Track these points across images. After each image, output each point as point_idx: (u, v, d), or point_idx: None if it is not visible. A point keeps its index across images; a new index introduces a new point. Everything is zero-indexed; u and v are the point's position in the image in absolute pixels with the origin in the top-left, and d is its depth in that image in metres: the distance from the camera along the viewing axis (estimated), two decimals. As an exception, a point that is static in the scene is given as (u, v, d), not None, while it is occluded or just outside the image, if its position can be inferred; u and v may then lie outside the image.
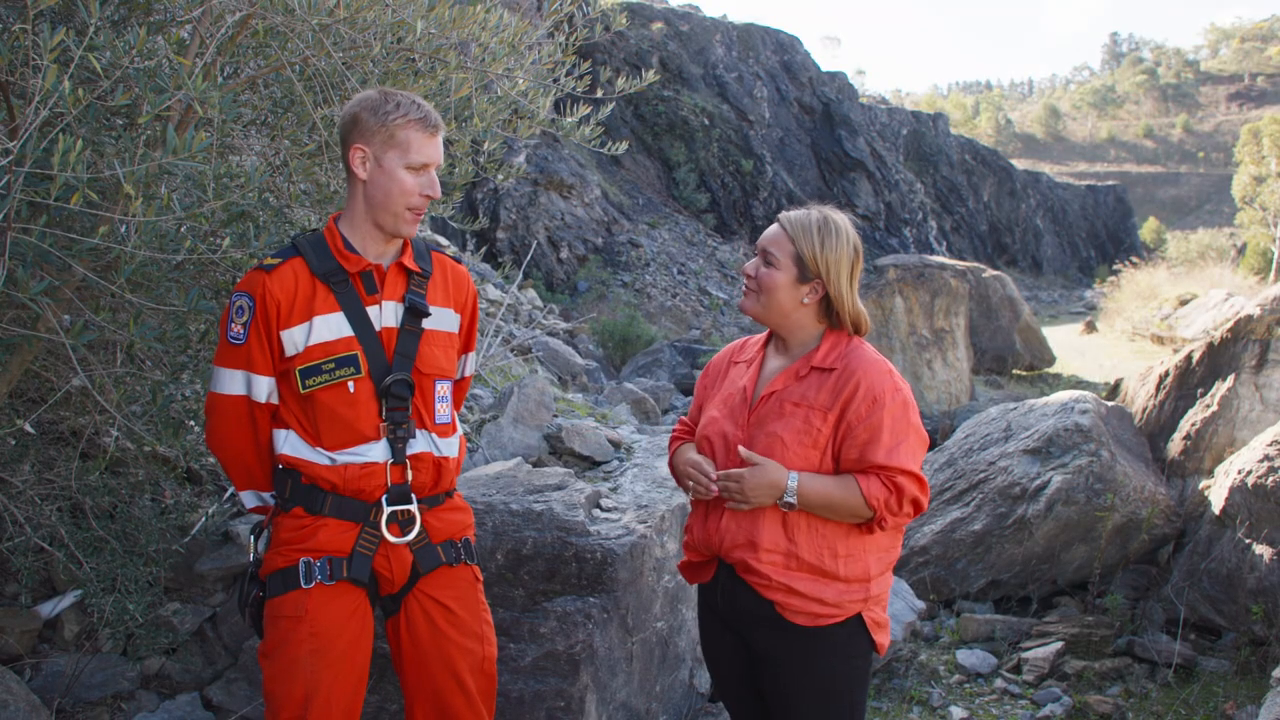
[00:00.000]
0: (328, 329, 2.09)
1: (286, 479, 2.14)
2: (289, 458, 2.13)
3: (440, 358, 2.22)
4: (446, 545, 2.22)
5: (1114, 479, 5.12)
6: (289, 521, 2.13)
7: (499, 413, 4.62)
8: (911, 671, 4.50)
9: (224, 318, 2.12)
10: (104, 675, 3.10)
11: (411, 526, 2.16)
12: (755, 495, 2.07)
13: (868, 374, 2.12)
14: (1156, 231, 56.48)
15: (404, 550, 2.15)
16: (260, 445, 2.16)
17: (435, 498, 2.23)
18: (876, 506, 2.04)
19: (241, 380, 2.11)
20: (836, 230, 2.18)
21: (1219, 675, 4.33)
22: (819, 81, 35.44)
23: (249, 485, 2.22)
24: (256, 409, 2.13)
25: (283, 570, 2.10)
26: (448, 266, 2.31)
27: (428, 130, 2.08)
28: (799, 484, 2.06)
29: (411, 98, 2.11)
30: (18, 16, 2.19)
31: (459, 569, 2.23)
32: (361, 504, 2.12)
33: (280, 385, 2.14)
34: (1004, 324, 16.50)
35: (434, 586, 2.19)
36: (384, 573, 2.15)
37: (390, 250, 2.19)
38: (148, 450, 3.15)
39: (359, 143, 2.08)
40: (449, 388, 2.28)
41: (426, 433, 2.19)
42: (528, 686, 2.87)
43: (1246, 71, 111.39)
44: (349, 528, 2.11)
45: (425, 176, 2.10)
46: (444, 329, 2.25)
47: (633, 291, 21.67)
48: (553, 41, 3.08)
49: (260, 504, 2.24)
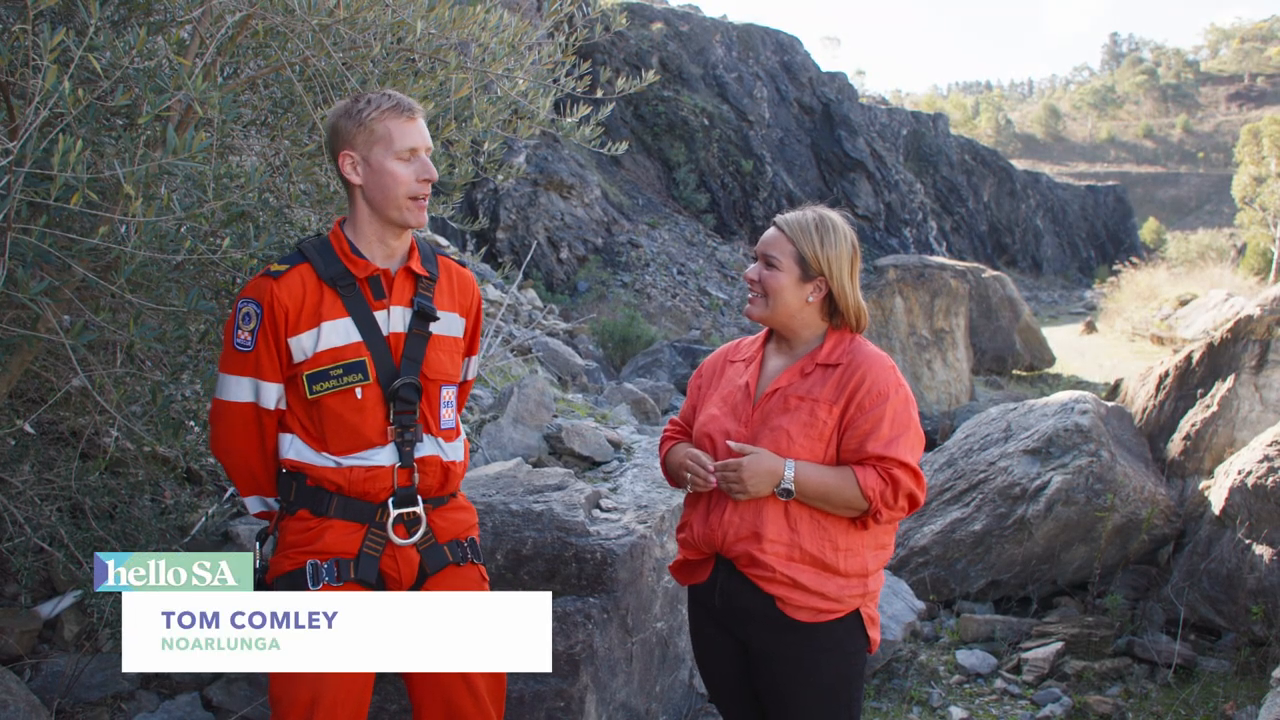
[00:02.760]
0: (336, 335, 2.09)
1: (291, 482, 2.14)
2: (294, 462, 2.13)
3: (446, 362, 2.22)
4: (453, 545, 2.23)
5: (1114, 479, 5.12)
6: (295, 524, 2.13)
7: (499, 413, 4.63)
8: (911, 672, 4.49)
9: (229, 324, 2.10)
10: (104, 675, 3.09)
11: (418, 528, 2.16)
12: (754, 483, 2.08)
13: (872, 368, 2.15)
14: (1156, 232, 56.49)
15: (411, 551, 2.16)
16: (266, 451, 2.16)
17: (441, 498, 2.23)
18: (872, 498, 2.06)
19: (249, 387, 2.10)
20: (834, 227, 2.21)
21: (1219, 675, 4.33)
22: (819, 82, 35.45)
23: (254, 491, 2.22)
24: (264, 415, 2.12)
25: (290, 573, 2.10)
26: (453, 270, 2.31)
27: (404, 116, 2.07)
28: (796, 472, 2.08)
29: (383, 91, 2.12)
30: (18, 16, 2.19)
31: (466, 568, 2.24)
32: (368, 505, 2.12)
33: (286, 390, 2.14)
34: (1004, 324, 16.51)
35: (441, 586, 2.19)
36: (391, 573, 2.15)
37: (398, 253, 2.18)
38: (148, 450, 3.15)
39: (345, 149, 2.08)
40: (454, 392, 2.27)
41: (433, 437, 2.19)
42: (528, 686, 2.87)
43: (1246, 72, 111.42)
44: (355, 529, 2.11)
45: (417, 162, 2.09)
46: (450, 334, 2.25)
47: (633, 292, 21.67)
48: (553, 41, 3.08)
49: (265, 509, 2.24)
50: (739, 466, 2.09)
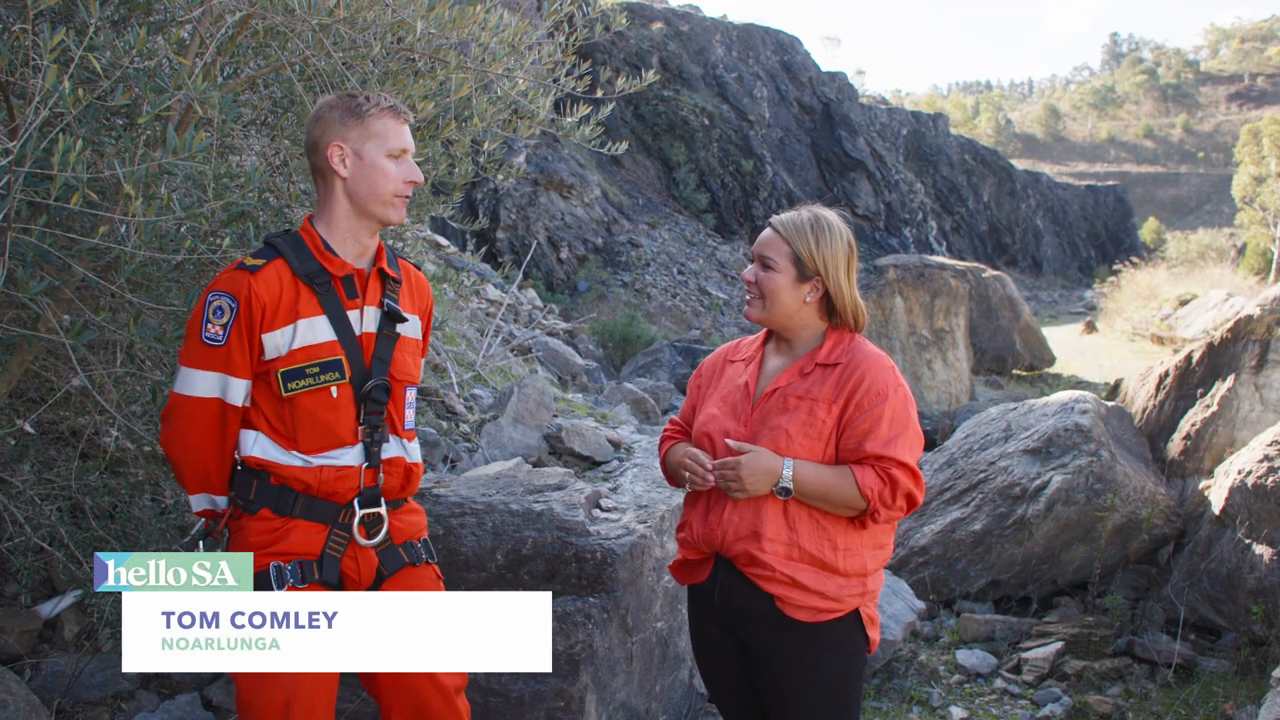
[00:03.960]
0: (312, 332, 2.08)
1: (251, 480, 2.10)
2: (258, 459, 2.10)
3: (410, 364, 2.24)
4: (407, 546, 2.23)
5: (1114, 479, 5.12)
6: (256, 524, 2.09)
7: (499, 413, 4.63)
8: (911, 671, 4.50)
9: (196, 317, 2.06)
10: (104, 675, 3.09)
11: (379, 529, 2.15)
12: (752, 481, 2.08)
13: (872, 368, 2.16)
14: (1156, 231, 56.48)
15: (370, 552, 2.15)
16: (225, 449, 2.12)
17: (397, 501, 2.24)
18: (870, 497, 2.06)
19: (215, 382, 2.05)
20: (829, 226, 2.21)
21: (1219, 675, 4.33)
22: (819, 81, 35.44)
23: (203, 489, 2.16)
24: (229, 411, 2.08)
25: (253, 576, 2.05)
26: (411, 273, 2.33)
27: (399, 118, 2.12)
28: (795, 470, 2.08)
29: (378, 93, 2.15)
30: (18, 16, 2.19)
31: (421, 568, 2.24)
32: (333, 505, 2.11)
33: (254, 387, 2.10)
34: (1004, 324, 16.50)
35: (399, 587, 2.18)
36: (351, 574, 2.14)
37: (369, 252, 2.19)
38: (148, 450, 3.14)
39: (336, 141, 2.08)
40: (415, 394, 2.29)
41: (398, 438, 2.21)
42: (528, 686, 2.87)
43: (1246, 72, 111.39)
44: (319, 529, 2.10)
45: (405, 163, 2.13)
46: (413, 335, 2.27)
47: (633, 291, 21.67)
48: (553, 41, 3.08)
49: (210, 507, 2.19)
50: (737, 465, 2.09)
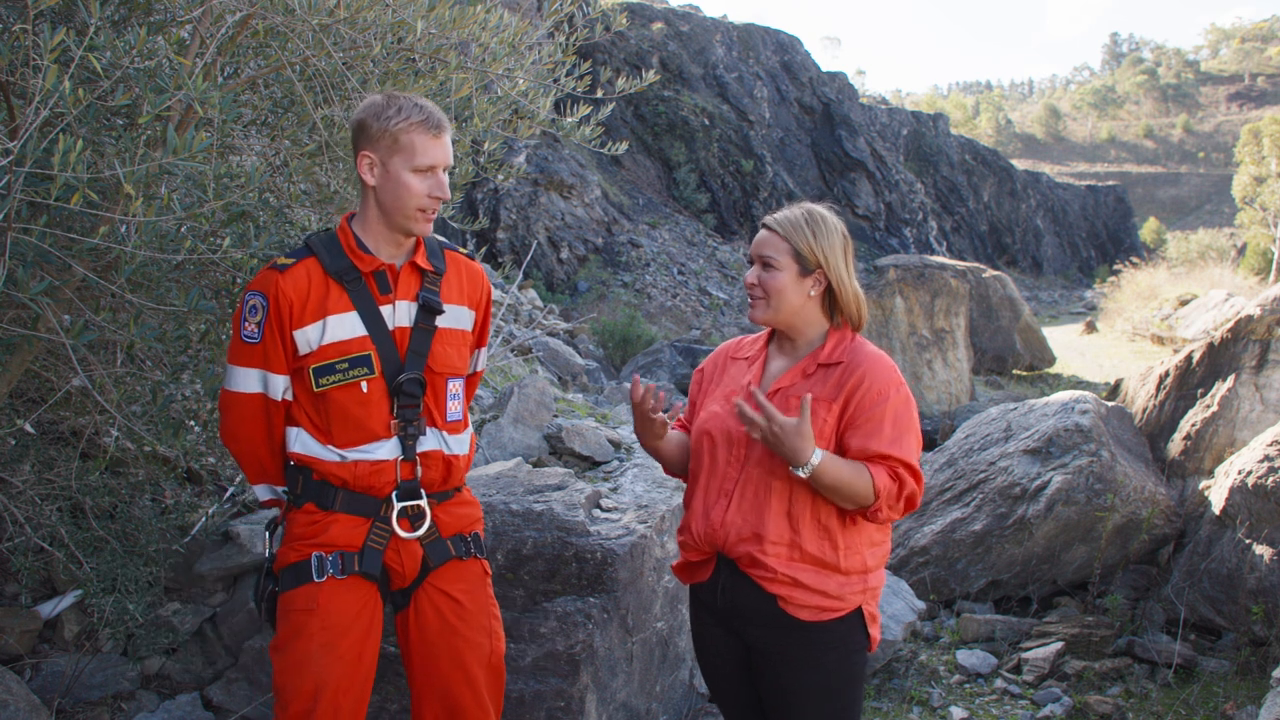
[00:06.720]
0: (342, 328, 2.11)
1: (298, 475, 2.18)
2: (300, 455, 2.16)
3: (453, 355, 2.24)
4: (456, 539, 2.25)
5: (1114, 479, 5.12)
6: (301, 517, 2.16)
7: (499, 413, 4.62)
8: (911, 671, 4.49)
9: (237, 316, 2.14)
10: (104, 675, 3.10)
11: (421, 521, 2.18)
12: (782, 442, 2.01)
13: (872, 367, 2.16)
14: (1156, 232, 56.49)
15: (414, 545, 2.18)
16: (274, 441, 2.20)
17: (445, 493, 2.25)
18: (880, 494, 2.06)
19: (257, 378, 2.14)
20: (824, 219, 2.22)
21: (1219, 675, 4.33)
22: (819, 82, 35.45)
23: (262, 479, 2.26)
24: (272, 406, 2.16)
25: (295, 565, 2.13)
26: (462, 264, 2.33)
27: (431, 132, 2.07)
28: (821, 460, 2.03)
29: (415, 100, 2.10)
30: (18, 16, 2.19)
31: (469, 563, 2.26)
32: (372, 499, 2.15)
33: (293, 383, 2.17)
34: (1004, 324, 16.51)
35: (444, 580, 2.21)
36: (395, 567, 2.18)
37: (404, 250, 2.21)
38: (148, 450, 3.15)
39: (366, 149, 2.09)
40: (461, 385, 2.30)
41: (437, 430, 2.21)
42: (528, 686, 2.87)
43: (1246, 72, 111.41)
44: (360, 523, 2.14)
45: (432, 179, 2.10)
46: (458, 326, 2.27)
47: (633, 291, 21.67)
48: (553, 41, 3.08)
49: (273, 497, 2.28)
50: (784, 425, 2.01)
